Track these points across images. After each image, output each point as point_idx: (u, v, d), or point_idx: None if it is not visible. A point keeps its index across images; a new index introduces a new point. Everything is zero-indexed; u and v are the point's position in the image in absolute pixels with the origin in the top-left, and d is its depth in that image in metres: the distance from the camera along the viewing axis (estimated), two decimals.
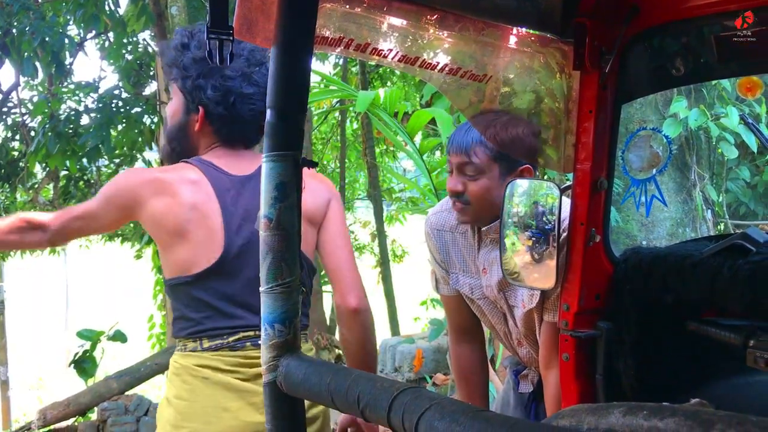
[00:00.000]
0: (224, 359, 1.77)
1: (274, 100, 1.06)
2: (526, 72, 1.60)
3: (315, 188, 1.89)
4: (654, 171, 1.60)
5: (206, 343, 1.78)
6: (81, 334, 5.73)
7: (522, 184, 1.68)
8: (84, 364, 5.71)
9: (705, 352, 1.57)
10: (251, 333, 1.78)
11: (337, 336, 7.40)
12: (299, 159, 1.09)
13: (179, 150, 1.93)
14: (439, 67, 1.43)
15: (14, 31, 6.43)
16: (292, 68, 1.05)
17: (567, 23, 1.47)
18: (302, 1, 1.03)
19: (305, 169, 1.93)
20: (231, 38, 1.05)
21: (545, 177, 3.38)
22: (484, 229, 1.93)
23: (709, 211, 5.13)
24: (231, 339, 1.78)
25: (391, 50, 1.33)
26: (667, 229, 4.85)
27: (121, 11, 6.69)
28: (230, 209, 1.80)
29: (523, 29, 1.50)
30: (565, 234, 1.59)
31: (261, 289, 1.13)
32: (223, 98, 1.83)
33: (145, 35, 7.36)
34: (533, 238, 1.63)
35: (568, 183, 1.56)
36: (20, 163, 8.74)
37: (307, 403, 1.75)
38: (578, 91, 1.53)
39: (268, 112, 1.07)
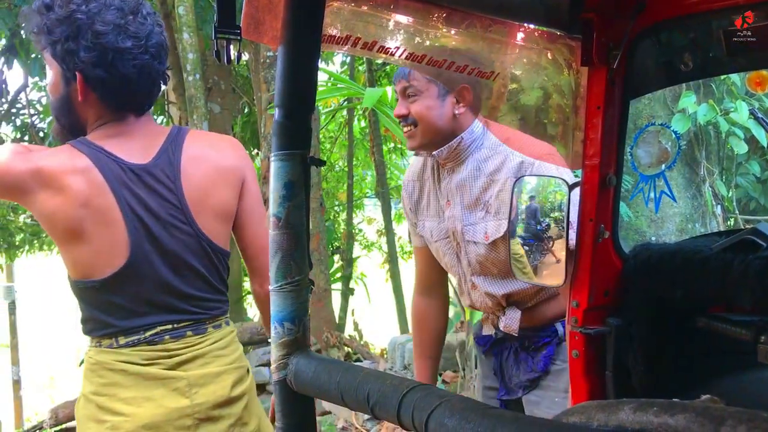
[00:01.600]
0: (142, 354, 1.68)
1: (282, 99, 1.06)
2: (534, 68, 1.60)
3: (225, 168, 1.77)
4: (663, 167, 1.59)
5: (122, 340, 1.68)
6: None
7: (530, 181, 1.68)
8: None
9: (715, 347, 1.56)
10: (169, 326, 1.70)
11: (346, 334, 7.41)
12: (307, 158, 1.09)
13: (68, 126, 1.74)
14: (446, 65, 1.43)
15: (22, 32, 6.46)
16: (299, 67, 1.06)
17: (574, 19, 1.47)
18: (309, 0, 1.03)
19: (204, 134, 1.89)
20: (239, 38, 1.05)
21: None
22: (435, 153, 2.02)
23: (719, 206, 5.10)
24: (148, 334, 1.69)
25: (398, 48, 1.33)
26: (677, 225, 4.83)
27: None
28: (130, 204, 1.65)
29: (530, 26, 1.50)
30: (573, 230, 1.58)
31: (270, 287, 1.13)
32: (99, 58, 1.60)
33: None
34: (540, 235, 1.63)
35: (577, 179, 1.56)
36: None
37: (232, 380, 1.75)
38: (586, 87, 1.53)
39: (276, 111, 1.07)
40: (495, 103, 1.67)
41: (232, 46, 1.06)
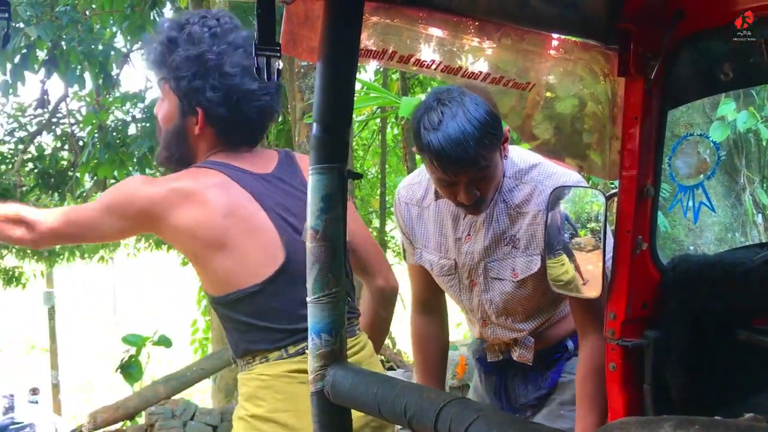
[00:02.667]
0: None
1: (320, 114, 1.08)
2: (569, 78, 1.59)
3: None
4: (702, 177, 1.57)
5: (291, 349, 1.65)
6: (126, 340, 5.83)
7: (566, 192, 1.67)
8: (130, 369, 5.82)
9: (757, 361, 1.54)
10: None
11: None
12: (344, 171, 1.10)
13: (178, 156, 1.76)
14: (481, 77, 1.43)
15: (63, 44, 6.62)
16: (337, 82, 1.07)
17: (610, 29, 1.46)
18: (346, 16, 1.05)
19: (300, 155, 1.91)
20: (278, 54, 1.07)
21: (590, 183, 3.34)
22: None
23: (760, 215, 5.00)
24: None
25: (433, 61, 1.34)
26: (716, 234, 4.75)
27: None
28: (272, 207, 1.67)
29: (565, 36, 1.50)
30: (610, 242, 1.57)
31: (308, 299, 1.14)
32: (225, 98, 1.65)
33: None
34: (574, 246, 1.61)
35: (614, 190, 1.54)
36: (69, 173, 8.98)
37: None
38: (623, 97, 1.52)
39: (314, 125, 1.09)
40: (530, 112, 1.67)
41: (272, 63, 1.07)
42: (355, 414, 1.65)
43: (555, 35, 1.48)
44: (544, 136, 1.71)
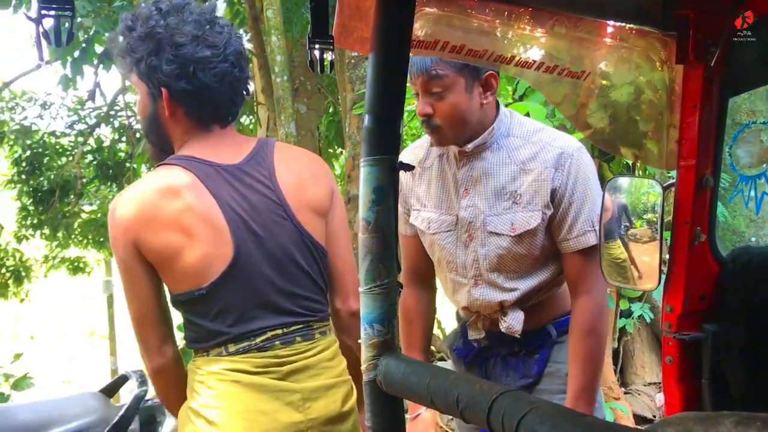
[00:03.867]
0: (253, 361, 1.65)
1: (372, 105, 1.08)
2: (625, 65, 1.57)
3: (316, 173, 1.80)
4: (764, 166, 1.53)
5: (231, 348, 1.65)
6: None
7: (623, 182, 1.64)
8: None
9: None
10: (279, 331, 1.67)
11: None
12: (396, 163, 1.11)
13: (158, 143, 1.76)
14: (535, 66, 1.42)
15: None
16: (389, 74, 1.07)
17: (668, 16, 1.42)
18: (399, 7, 1.05)
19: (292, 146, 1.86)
20: (332, 47, 1.08)
21: (646, 173, 3.28)
22: (469, 148, 1.90)
23: None
24: (258, 340, 1.65)
25: (486, 51, 1.33)
26: None
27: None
28: (229, 203, 1.65)
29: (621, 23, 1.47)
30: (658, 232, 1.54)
31: (360, 289, 1.16)
32: (181, 70, 1.63)
33: None
34: (631, 237, 1.59)
35: (672, 180, 1.51)
36: (126, 164, 9.22)
37: (342, 394, 1.71)
38: (681, 84, 1.48)
39: (366, 117, 1.09)
40: (584, 101, 1.65)
41: (325, 55, 1.08)
42: (293, 418, 1.63)
43: (610, 22, 1.46)
44: (599, 125, 1.69)
